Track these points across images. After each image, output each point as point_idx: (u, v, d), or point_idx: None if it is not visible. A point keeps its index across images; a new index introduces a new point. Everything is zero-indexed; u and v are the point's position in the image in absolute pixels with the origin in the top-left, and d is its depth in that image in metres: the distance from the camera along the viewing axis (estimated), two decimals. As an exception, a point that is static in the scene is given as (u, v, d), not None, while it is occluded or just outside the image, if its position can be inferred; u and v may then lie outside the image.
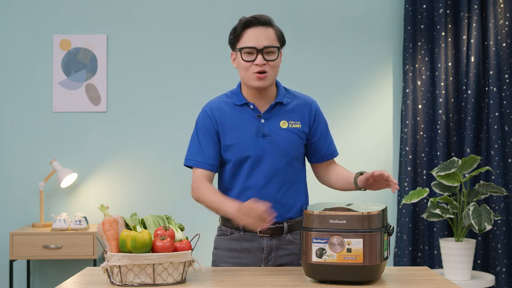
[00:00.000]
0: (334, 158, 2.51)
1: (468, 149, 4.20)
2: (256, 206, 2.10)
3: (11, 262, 4.04)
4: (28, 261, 4.30)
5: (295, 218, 2.40)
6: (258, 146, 2.33)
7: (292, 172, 2.37)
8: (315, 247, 2.00)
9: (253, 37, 2.29)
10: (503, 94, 4.24)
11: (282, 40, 2.37)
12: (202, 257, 2.86)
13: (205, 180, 2.34)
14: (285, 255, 2.38)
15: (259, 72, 2.28)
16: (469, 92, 4.22)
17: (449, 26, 4.30)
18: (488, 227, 3.68)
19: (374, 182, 2.27)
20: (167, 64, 4.45)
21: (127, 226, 2.14)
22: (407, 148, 4.29)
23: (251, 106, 2.36)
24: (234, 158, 2.35)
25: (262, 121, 2.34)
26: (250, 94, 2.37)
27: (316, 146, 2.44)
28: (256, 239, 2.36)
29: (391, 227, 2.09)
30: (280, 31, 2.37)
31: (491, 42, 4.24)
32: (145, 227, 2.17)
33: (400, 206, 4.27)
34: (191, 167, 2.40)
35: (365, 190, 2.35)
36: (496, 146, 4.20)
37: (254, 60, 2.29)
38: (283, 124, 2.36)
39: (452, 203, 3.84)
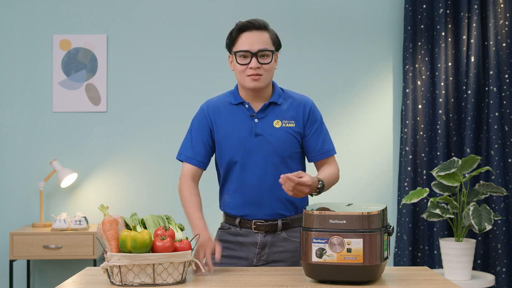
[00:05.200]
0: (334, 157, 2.51)
1: (468, 149, 4.20)
2: (210, 250, 2.25)
3: (11, 262, 4.04)
4: (28, 261, 4.30)
5: (290, 216, 2.43)
6: (250, 145, 2.38)
7: (286, 170, 2.37)
8: (315, 247, 2.00)
9: (247, 41, 2.34)
10: (503, 94, 4.24)
11: (277, 44, 2.41)
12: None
13: (189, 179, 2.41)
14: (279, 252, 2.41)
15: (253, 75, 2.34)
16: (469, 92, 4.22)
17: (449, 26, 4.30)
18: (488, 227, 3.68)
19: None
20: (167, 64, 4.45)
21: (127, 226, 2.14)
22: (407, 148, 4.29)
23: (246, 106, 2.41)
24: (227, 156, 2.41)
25: (256, 120, 2.39)
26: (246, 94, 2.42)
27: (309, 145, 2.45)
28: (251, 235, 2.41)
29: (391, 227, 2.09)
30: (276, 35, 2.42)
31: (491, 42, 4.23)
32: (145, 227, 2.17)
33: (400, 206, 4.27)
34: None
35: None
36: (496, 146, 4.20)
37: (248, 63, 2.34)
38: (277, 124, 2.40)
39: (452, 203, 3.84)
